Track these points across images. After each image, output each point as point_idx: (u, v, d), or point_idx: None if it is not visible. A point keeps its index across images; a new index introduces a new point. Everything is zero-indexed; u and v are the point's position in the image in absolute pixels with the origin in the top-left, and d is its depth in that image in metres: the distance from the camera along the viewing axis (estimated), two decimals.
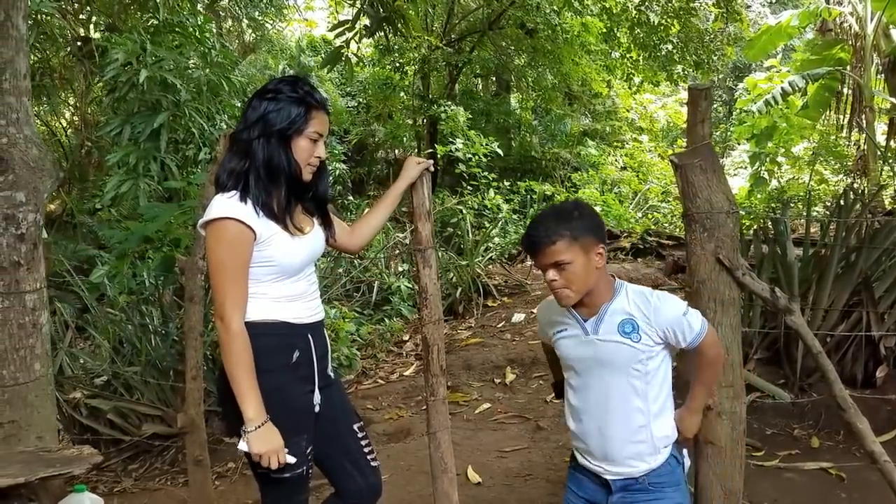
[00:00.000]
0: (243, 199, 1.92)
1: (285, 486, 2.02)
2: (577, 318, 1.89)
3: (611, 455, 1.88)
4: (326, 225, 2.17)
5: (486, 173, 10.62)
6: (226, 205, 1.90)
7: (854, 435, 2.27)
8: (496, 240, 8.62)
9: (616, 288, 1.87)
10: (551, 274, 1.81)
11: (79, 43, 8.42)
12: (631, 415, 1.85)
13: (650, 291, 1.85)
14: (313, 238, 2.09)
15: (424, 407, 2.34)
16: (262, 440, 1.87)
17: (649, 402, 1.85)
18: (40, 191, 2.52)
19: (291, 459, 1.93)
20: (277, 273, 1.97)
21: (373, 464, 2.23)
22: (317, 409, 2.05)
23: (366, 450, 2.22)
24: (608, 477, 1.90)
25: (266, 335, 1.94)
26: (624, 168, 14.56)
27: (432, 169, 2.33)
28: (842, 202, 4.03)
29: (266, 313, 1.96)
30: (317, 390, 2.05)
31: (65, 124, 11.23)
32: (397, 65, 12.18)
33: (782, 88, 9.67)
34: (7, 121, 2.45)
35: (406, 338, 6.34)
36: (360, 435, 2.21)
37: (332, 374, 2.18)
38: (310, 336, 2.04)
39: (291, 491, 2.05)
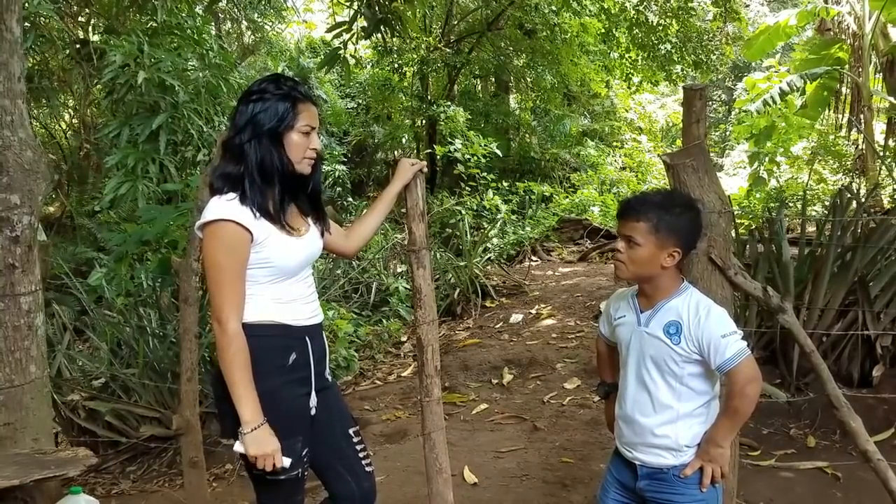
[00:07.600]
0: (242, 201, 1.92)
1: (281, 488, 2.02)
2: (636, 308, 1.98)
3: (636, 441, 1.96)
4: (320, 219, 2.16)
5: (485, 174, 10.64)
6: (223, 206, 1.90)
7: (850, 434, 2.27)
8: (495, 240, 8.62)
9: (680, 290, 1.93)
10: (620, 244, 1.92)
11: (78, 45, 8.42)
12: (660, 408, 1.91)
13: (707, 304, 1.89)
14: (309, 239, 2.08)
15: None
16: (259, 442, 1.87)
17: (681, 402, 1.90)
18: (35, 193, 2.52)
19: (287, 461, 1.93)
20: (275, 274, 1.97)
21: (367, 469, 2.22)
22: (313, 411, 2.05)
23: (361, 454, 2.21)
24: (635, 462, 1.98)
25: (262, 336, 1.94)
26: (623, 168, 14.60)
27: (426, 170, 2.34)
28: (837, 201, 4.03)
29: (263, 315, 1.96)
30: (313, 393, 2.04)
31: (64, 127, 11.24)
32: (396, 66, 12.19)
33: (781, 88, 9.69)
34: (1, 123, 2.45)
35: (404, 339, 6.34)
36: (355, 439, 2.21)
37: (329, 378, 2.17)
38: (307, 338, 2.04)
39: (287, 493, 2.05)
